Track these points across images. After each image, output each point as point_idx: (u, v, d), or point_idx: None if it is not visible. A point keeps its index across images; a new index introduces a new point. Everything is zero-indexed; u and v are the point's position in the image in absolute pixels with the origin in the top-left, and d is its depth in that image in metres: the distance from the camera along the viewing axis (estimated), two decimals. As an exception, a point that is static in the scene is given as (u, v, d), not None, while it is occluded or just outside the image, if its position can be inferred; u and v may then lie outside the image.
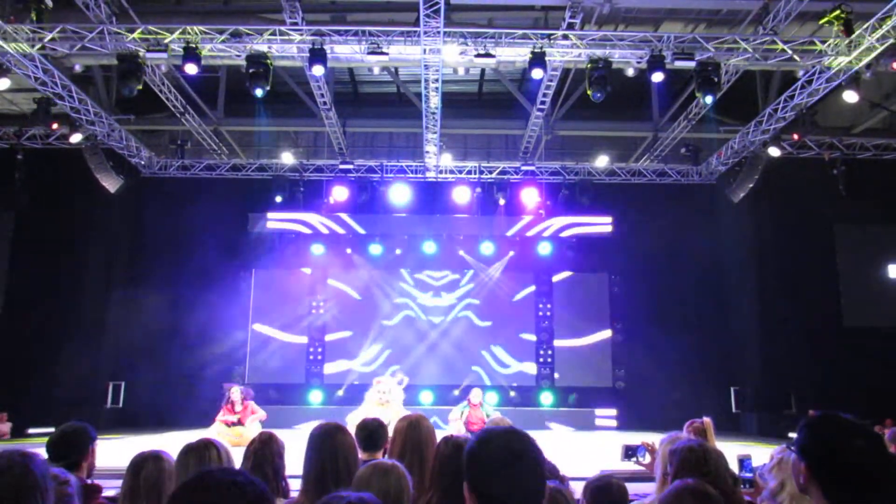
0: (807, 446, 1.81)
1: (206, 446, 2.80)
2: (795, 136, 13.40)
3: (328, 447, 2.69)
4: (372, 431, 3.55)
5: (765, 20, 10.55)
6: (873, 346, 14.13)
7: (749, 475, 3.23)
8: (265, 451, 3.21)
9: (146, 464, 2.79)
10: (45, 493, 1.68)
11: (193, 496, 1.29)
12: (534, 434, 1.75)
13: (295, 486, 3.01)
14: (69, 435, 3.37)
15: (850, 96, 11.21)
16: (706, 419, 4.56)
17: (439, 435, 2.96)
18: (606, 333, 16.54)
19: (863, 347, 14.08)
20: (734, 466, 3.16)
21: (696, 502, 1.99)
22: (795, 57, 10.66)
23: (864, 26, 9.91)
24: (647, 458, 3.68)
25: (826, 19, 9.86)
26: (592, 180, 15.68)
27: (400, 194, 15.65)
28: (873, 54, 10.25)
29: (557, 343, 16.62)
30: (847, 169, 13.81)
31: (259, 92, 10.68)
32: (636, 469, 4.13)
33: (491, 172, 15.92)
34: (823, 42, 10.41)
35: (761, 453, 3.96)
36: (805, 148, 14.34)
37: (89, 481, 3.31)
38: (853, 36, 9.87)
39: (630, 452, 3.67)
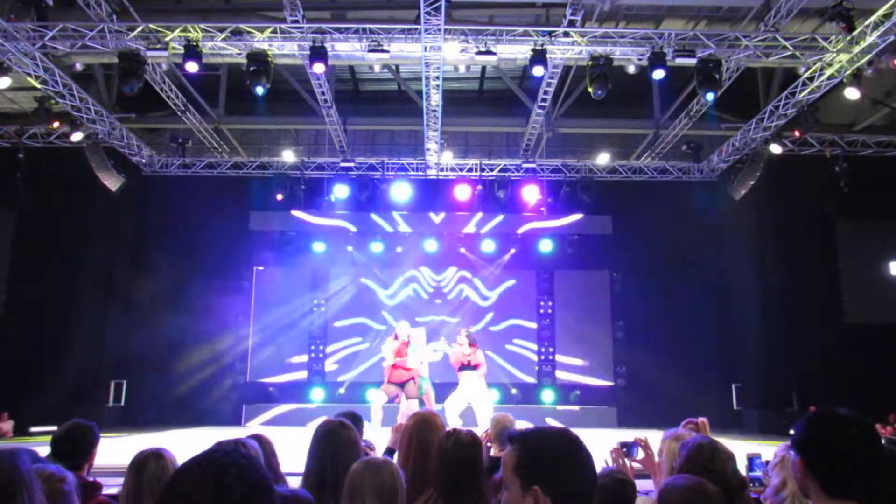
0: (801, 440, 1.82)
1: None
2: (797, 133, 13.39)
3: (330, 445, 2.68)
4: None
5: (766, 17, 10.53)
6: (875, 342, 14.13)
7: (758, 474, 3.22)
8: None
9: (148, 462, 2.77)
10: (31, 489, 1.68)
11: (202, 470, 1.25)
12: None
13: (294, 484, 2.99)
14: (75, 433, 3.37)
15: (852, 93, 11.18)
16: (701, 420, 4.55)
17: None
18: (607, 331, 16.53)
19: (865, 344, 14.08)
20: (743, 464, 3.14)
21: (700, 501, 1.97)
22: (797, 54, 10.64)
23: (866, 23, 9.89)
24: (641, 455, 3.65)
25: (828, 16, 9.84)
26: (593, 178, 15.67)
27: (401, 192, 15.63)
28: (875, 51, 10.24)
29: (559, 340, 16.61)
30: (848, 166, 13.79)
31: (260, 90, 10.69)
32: (633, 466, 4.12)
33: (492, 170, 15.90)
34: (825, 39, 10.38)
35: (762, 451, 3.96)
36: (806, 145, 14.33)
37: (90, 479, 3.31)
38: (855, 33, 9.84)
39: (625, 450, 3.64)
